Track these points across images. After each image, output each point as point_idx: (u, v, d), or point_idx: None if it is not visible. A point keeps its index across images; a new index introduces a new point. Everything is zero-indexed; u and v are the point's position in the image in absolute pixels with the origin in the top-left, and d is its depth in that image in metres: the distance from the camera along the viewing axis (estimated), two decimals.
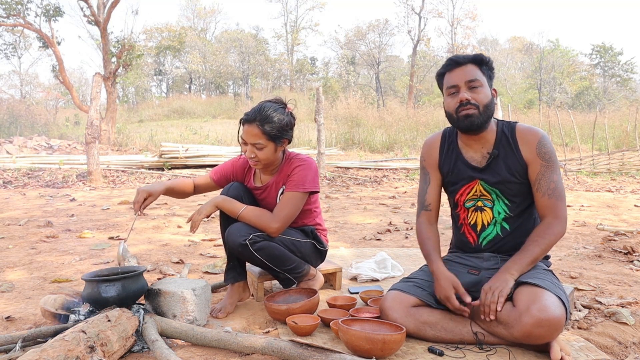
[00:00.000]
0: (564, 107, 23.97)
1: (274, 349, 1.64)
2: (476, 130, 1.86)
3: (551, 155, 1.85)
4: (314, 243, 2.33)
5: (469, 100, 1.82)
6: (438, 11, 32.04)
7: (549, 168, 1.84)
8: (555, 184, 1.84)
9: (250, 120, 2.11)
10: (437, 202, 2.06)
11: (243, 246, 2.06)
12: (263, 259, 2.11)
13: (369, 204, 5.93)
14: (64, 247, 3.52)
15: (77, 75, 36.04)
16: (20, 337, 1.69)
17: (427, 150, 2.07)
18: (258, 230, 2.10)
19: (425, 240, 1.99)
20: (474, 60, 1.86)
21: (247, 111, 2.16)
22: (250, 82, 37.15)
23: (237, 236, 2.07)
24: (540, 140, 1.85)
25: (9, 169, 9.28)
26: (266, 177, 2.30)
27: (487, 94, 1.85)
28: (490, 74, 1.89)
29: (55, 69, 15.84)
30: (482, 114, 1.83)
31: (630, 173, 9.86)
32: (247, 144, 2.13)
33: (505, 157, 1.89)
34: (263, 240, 2.09)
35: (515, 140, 1.88)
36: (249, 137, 2.11)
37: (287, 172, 2.23)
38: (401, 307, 1.82)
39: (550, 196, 1.83)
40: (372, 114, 17.63)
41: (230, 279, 2.25)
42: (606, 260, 3.13)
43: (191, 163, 9.89)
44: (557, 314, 1.59)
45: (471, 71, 1.84)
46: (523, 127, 1.91)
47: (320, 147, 9.22)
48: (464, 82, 1.83)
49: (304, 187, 2.17)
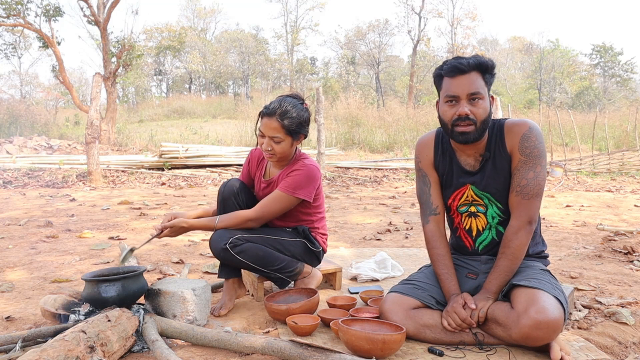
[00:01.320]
0: (564, 107, 23.96)
1: (274, 349, 1.64)
2: (470, 143, 1.81)
3: (532, 150, 1.75)
4: (305, 243, 2.30)
5: (468, 115, 1.73)
6: (438, 11, 32.00)
7: (526, 164, 1.76)
8: (528, 181, 1.75)
9: (270, 113, 2.13)
10: (443, 204, 1.98)
11: (224, 250, 2.07)
12: (247, 262, 2.11)
13: (369, 204, 5.93)
14: (64, 247, 3.52)
15: (77, 75, 36.04)
16: (20, 337, 1.69)
17: (422, 150, 1.98)
18: (239, 233, 2.10)
19: (438, 257, 1.90)
20: (478, 67, 1.73)
21: (267, 104, 2.19)
22: (250, 82, 37.15)
23: (218, 242, 2.08)
24: (525, 133, 1.76)
25: (9, 169, 9.28)
26: (274, 170, 2.32)
27: (486, 108, 1.75)
28: (491, 80, 1.80)
29: (55, 69, 15.83)
30: (479, 129, 1.76)
31: (630, 173, 9.86)
32: (265, 137, 2.15)
33: (495, 158, 1.83)
34: (244, 243, 2.09)
35: (503, 136, 1.81)
36: (268, 130, 2.13)
37: (288, 170, 2.24)
38: (401, 309, 1.82)
39: (517, 193, 1.76)
40: (372, 114, 17.62)
41: (224, 274, 2.25)
42: (606, 260, 3.13)
43: (191, 163, 9.89)
44: (555, 316, 1.58)
45: (474, 82, 1.73)
46: (511, 121, 1.82)
47: (320, 147, 9.22)
48: (465, 94, 1.72)
49: (293, 192, 2.17)
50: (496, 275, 1.78)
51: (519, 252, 1.77)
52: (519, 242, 1.77)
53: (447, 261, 1.89)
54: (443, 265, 1.89)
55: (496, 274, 1.78)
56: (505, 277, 1.77)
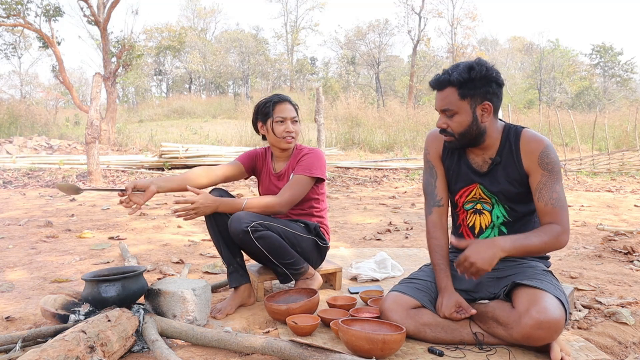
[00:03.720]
0: (564, 107, 23.95)
1: (274, 349, 1.64)
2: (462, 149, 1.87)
3: (554, 165, 1.79)
4: (316, 240, 2.35)
5: (445, 129, 1.82)
6: (438, 11, 31.97)
7: (552, 178, 1.78)
8: (558, 194, 1.78)
9: (286, 99, 2.39)
10: (447, 197, 2.00)
11: (244, 233, 2.07)
12: (262, 248, 2.12)
13: (369, 204, 5.93)
14: (64, 247, 3.52)
15: (77, 75, 36.04)
16: (20, 337, 1.69)
17: (431, 142, 2.00)
18: (261, 219, 2.12)
19: (437, 248, 1.93)
20: (457, 81, 1.73)
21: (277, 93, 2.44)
22: (250, 82, 37.15)
23: (240, 223, 2.08)
24: (543, 151, 1.79)
25: (9, 169, 9.27)
26: (280, 164, 2.44)
27: (461, 122, 1.78)
28: (485, 89, 1.75)
29: (55, 69, 15.82)
30: (459, 140, 1.82)
31: (630, 173, 9.86)
32: (286, 121, 2.34)
33: (505, 165, 1.85)
34: (265, 230, 2.11)
35: (518, 149, 1.83)
36: (289, 112, 2.35)
37: (296, 159, 2.37)
38: (401, 308, 1.82)
39: (554, 205, 1.77)
40: (372, 114, 17.60)
41: (234, 281, 2.25)
42: (606, 260, 3.13)
43: (191, 163, 9.89)
44: (557, 316, 1.59)
45: (446, 98, 1.77)
46: (528, 135, 1.83)
47: (320, 147, 9.22)
48: (439, 109, 1.82)
49: (310, 172, 2.29)
50: (519, 239, 1.72)
51: (551, 244, 1.74)
52: (556, 242, 1.74)
53: (445, 252, 1.92)
54: (440, 256, 1.92)
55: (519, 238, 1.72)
56: (524, 247, 1.71)
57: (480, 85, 1.75)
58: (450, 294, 1.83)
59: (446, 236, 1.97)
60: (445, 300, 1.81)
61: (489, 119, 1.80)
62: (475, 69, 1.74)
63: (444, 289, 1.85)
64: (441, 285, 1.87)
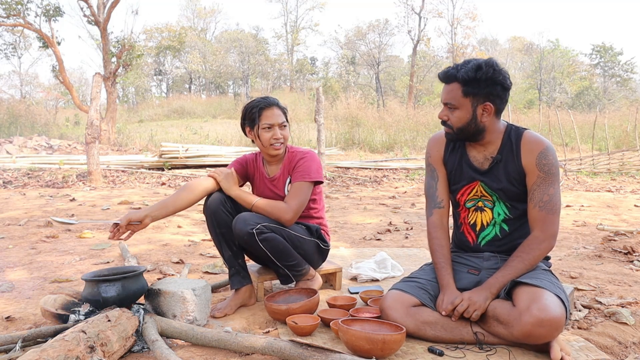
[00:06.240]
0: (564, 107, 23.95)
1: (274, 349, 1.64)
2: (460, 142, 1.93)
3: (551, 167, 1.81)
4: (318, 243, 2.36)
5: (445, 121, 1.88)
6: (438, 11, 31.94)
7: (546, 180, 1.81)
8: (550, 197, 1.80)
9: (273, 103, 2.31)
10: (448, 198, 2.03)
11: (249, 235, 2.08)
12: (266, 250, 2.13)
13: (369, 204, 5.93)
14: (64, 247, 3.52)
15: (77, 75, 36.02)
16: (20, 337, 1.69)
17: (433, 146, 2.04)
18: (266, 221, 2.13)
19: (438, 248, 1.96)
20: (462, 78, 1.78)
21: (265, 96, 2.34)
22: (250, 82, 37.15)
23: (245, 224, 2.09)
24: (542, 151, 1.82)
25: (9, 169, 9.27)
26: (272, 168, 2.41)
27: (460, 118, 1.83)
28: (489, 90, 1.78)
29: (55, 69, 15.82)
30: (457, 134, 1.87)
31: (630, 173, 9.85)
32: (273, 127, 2.28)
33: (506, 164, 1.87)
34: (270, 232, 2.12)
35: (519, 148, 1.86)
36: (277, 118, 2.28)
37: (291, 164, 2.33)
38: (401, 306, 1.82)
39: (541, 208, 1.81)
40: (372, 114, 17.61)
41: (236, 283, 2.25)
42: (606, 260, 3.13)
43: (191, 163, 9.89)
44: (557, 314, 1.59)
45: (450, 92, 1.83)
46: (529, 136, 1.86)
47: (320, 147, 9.21)
48: (443, 101, 1.87)
49: (309, 177, 2.27)
50: (505, 274, 1.79)
51: (535, 261, 1.82)
52: (540, 253, 1.82)
53: (446, 252, 1.95)
54: (441, 255, 1.94)
55: (505, 273, 1.79)
56: (512, 278, 1.79)
57: (485, 86, 1.78)
58: (452, 291, 1.84)
59: (447, 236, 1.99)
60: (447, 297, 1.82)
61: (488, 119, 1.83)
62: (482, 69, 1.77)
63: (445, 286, 1.87)
64: (443, 282, 1.89)
